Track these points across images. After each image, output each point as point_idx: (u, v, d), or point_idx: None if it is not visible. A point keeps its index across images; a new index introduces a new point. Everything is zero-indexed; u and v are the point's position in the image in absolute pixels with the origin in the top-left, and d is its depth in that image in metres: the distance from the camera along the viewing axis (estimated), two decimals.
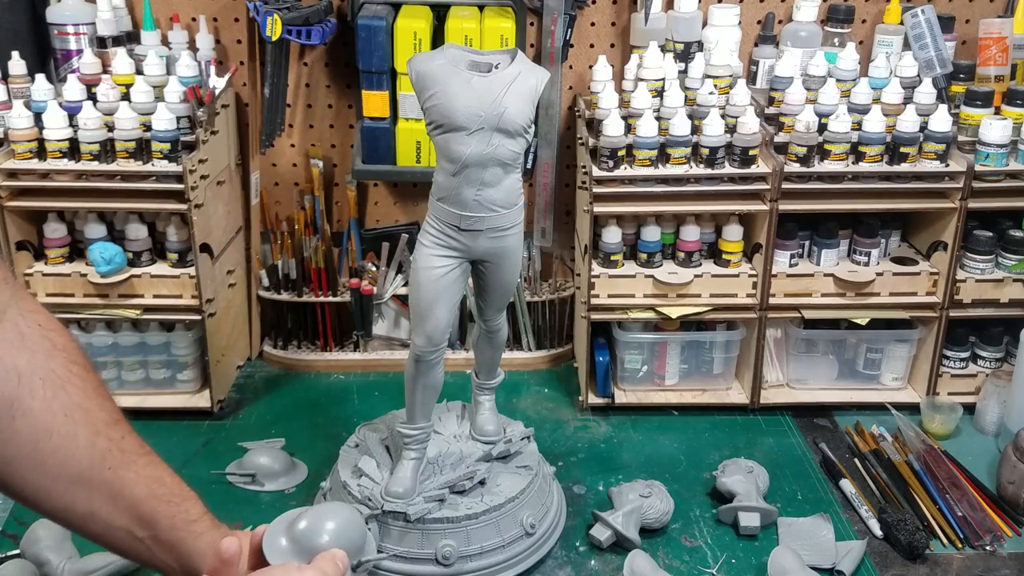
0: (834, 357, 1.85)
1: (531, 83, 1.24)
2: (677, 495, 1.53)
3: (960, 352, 1.81)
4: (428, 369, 1.34)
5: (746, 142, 1.65)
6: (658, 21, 1.83)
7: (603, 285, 1.74)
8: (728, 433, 1.77)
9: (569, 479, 1.62)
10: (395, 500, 1.36)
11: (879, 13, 1.89)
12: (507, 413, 1.60)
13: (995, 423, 1.74)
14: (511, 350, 1.98)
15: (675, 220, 1.77)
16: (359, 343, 1.98)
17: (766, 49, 1.88)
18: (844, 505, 1.55)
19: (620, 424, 1.80)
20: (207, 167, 1.70)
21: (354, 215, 1.98)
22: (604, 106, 1.69)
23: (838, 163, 1.67)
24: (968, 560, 1.43)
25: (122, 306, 1.72)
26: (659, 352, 1.83)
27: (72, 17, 1.78)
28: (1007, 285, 1.74)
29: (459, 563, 1.35)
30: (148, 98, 1.67)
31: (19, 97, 1.70)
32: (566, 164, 2.00)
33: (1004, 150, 1.65)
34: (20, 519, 1.48)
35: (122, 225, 1.75)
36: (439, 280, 1.29)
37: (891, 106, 1.70)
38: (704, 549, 1.46)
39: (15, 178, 1.66)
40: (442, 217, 1.27)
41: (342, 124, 2.00)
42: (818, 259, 1.78)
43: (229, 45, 1.91)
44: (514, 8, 1.78)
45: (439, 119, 1.22)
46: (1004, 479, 1.54)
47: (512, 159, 1.24)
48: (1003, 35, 1.76)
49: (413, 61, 1.24)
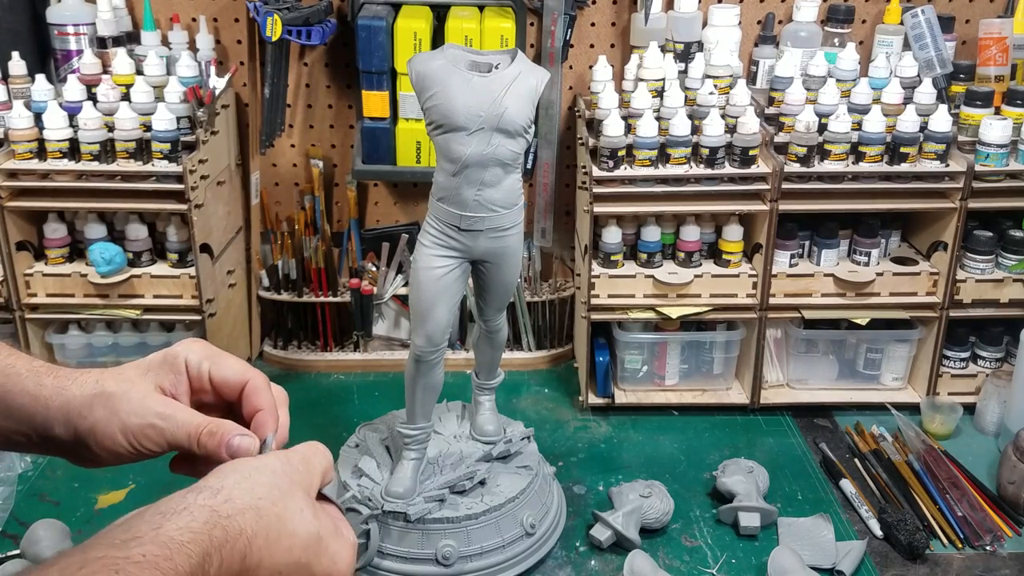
0: (834, 357, 1.85)
1: (531, 83, 1.24)
2: (677, 495, 1.53)
3: (960, 352, 1.80)
4: (428, 369, 1.34)
5: (746, 142, 1.65)
6: (658, 21, 1.83)
7: (603, 285, 1.74)
8: (728, 433, 1.77)
9: (569, 479, 1.62)
10: (395, 500, 1.36)
11: (879, 13, 1.89)
12: (507, 413, 1.60)
13: (995, 423, 1.74)
14: (511, 350, 1.98)
15: (675, 220, 1.77)
16: (359, 343, 1.98)
17: (766, 49, 1.88)
18: (844, 505, 1.55)
19: (620, 424, 1.80)
20: (207, 167, 1.70)
21: (354, 215, 1.98)
22: (604, 106, 1.69)
23: (838, 163, 1.67)
24: (968, 560, 1.43)
25: (122, 306, 1.73)
26: (659, 352, 1.83)
27: (72, 17, 1.78)
28: (1007, 285, 1.74)
29: (459, 563, 1.35)
30: (148, 98, 1.67)
31: (19, 97, 1.70)
32: (566, 164, 2.00)
33: (1004, 150, 1.65)
34: (20, 519, 1.48)
35: (122, 225, 1.75)
36: (439, 280, 1.29)
37: (891, 106, 1.70)
38: (704, 549, 1.46)
39: (15, 178, 1.66)
40: (442, 217, 1.27)
41: (342, 124, 2.00)
42: (818, 259, 1.78)
43: (229, 45, 1.92)
44: (514, 8, 1.78)
45: (439, 119, 1.22)
46: (1004, 479, 1.54)
47: (512, 159, 1.24)
48: (1003, 35, 1.76)
49: (413, 61, 1.24)
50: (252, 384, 0.75)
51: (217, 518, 0.57)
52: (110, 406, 0.71)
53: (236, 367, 0.76)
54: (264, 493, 0.61)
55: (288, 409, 0.77)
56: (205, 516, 0.57)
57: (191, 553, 0.55)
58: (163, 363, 0.75)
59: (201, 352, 0.76)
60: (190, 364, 0.75)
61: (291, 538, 0.61)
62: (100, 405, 0.71)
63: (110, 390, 0.71)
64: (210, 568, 0.56)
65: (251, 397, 0.74)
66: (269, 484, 0.63)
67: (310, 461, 0.68)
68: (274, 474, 0.64)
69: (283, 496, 0.63)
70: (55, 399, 0.72)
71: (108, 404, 0.71)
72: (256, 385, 0.75)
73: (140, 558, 0.53)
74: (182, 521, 0.56)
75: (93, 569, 0.51)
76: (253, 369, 0.76)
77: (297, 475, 0.66)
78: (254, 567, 0.59)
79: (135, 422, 0.70)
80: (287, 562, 0.61)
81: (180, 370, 0.75)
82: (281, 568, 0.61)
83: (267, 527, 0.60)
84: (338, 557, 0.65)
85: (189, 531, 0.56)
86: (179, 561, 0.54)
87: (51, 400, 0.72)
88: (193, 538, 0.55)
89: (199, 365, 0.75)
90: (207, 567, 0.56)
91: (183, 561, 0.54)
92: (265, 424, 0.73)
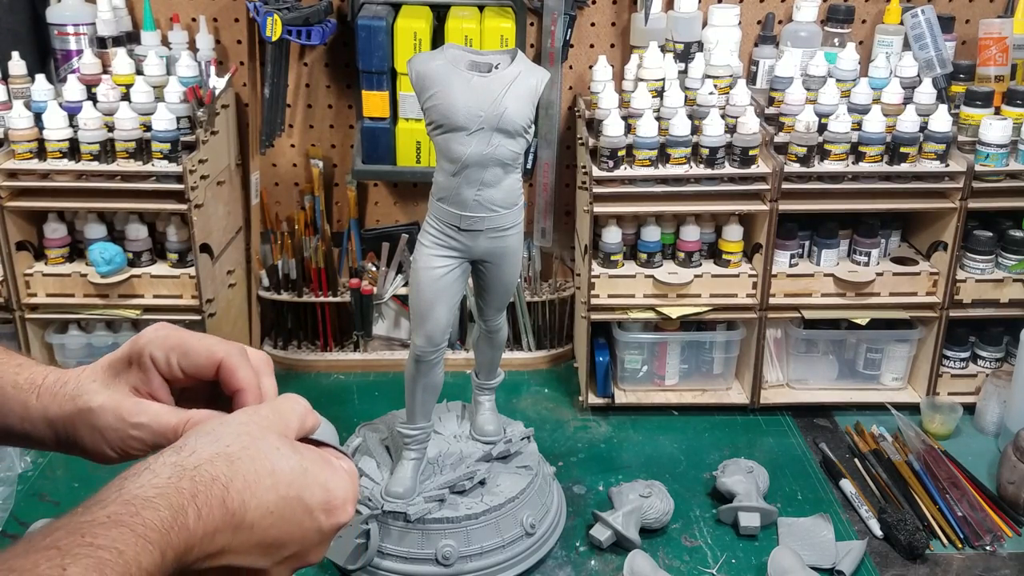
0: (834, 357, 1.85)
1: (531, 83, 1.24)
2: (677, 495, 1.53)
3: (960, 352, 1.80)
4: (428, 369, 1.34)
5: (746, 142, 1.65)
6: (658, 21, 1.83)
7: (603, 285, 1.74)
8: (728, 433, 1.77)
9: (569, 479, 1.62)
10: (395, 500, 1.36)
11: (879, 13, 1.89)
12: (507, 413, 1.60)
13: (995, 423, 1.74)
14: (511, 350, 1.98)
15: (675, 220, 1.77)
16: (359, 343, 1.98)
17: (766, 49, 1.88)
18: (844, 505, 1.55)
19: (620, 424, 1.80)
20: (207, 167, 1.70)
21: (354, 215, 1.98)
22: (604, 106, 1.69)
23: (838, 163, 1.67)
24: (968, 560, 1.43)
25: (122, 306, 1.72)
26: (659, 352, 1.83)
27: (72, 17, 1.78)
28: (1007, 285, 1.74)
29: (459, 563, 1.35)
30: (148, 98, 1.67)
31: (19, 97, 1.70)
32: (566, 164, 2.00)
33: (1004, 150, 1.65)
34: (20, 519, 1.48)
35: (122, 225, 1.75)
36: (439, 280, 1.29)
37: (891, 106, 1.70)
38: (704, 549, 1.46)
39: (15, 178, 1.66)
40: (442, 217, 1.27)
41: (342, 124, 2.00)
42: (818, 259, 1.78)
43: (229, 45, 1.91)
44: (514, 8, 1.78)
45: (439, 119, 1.22)
46: (1004, 479, 1.54)
47: (512, 159, 1.24)
48: (1003, 35, 1.76)
49: (413, 61, 1.24)
50: (225, 364, 0.71)
51: (183, 471, 0.56)
52: (89, 423, 0.69)
53: (203, 352, 0.71)
54: (231, 440, 0.59)
55: (274, 374, 0.74)
56: (169, 471, 0.55)
57: (158, 507, 0.53)
58: (128, 363, 0.72)
59: (166, 344, 0.71)
60: (157, 361, 0.71)
61: (272, 476, 0.59)
62: (81, 423, 0.69)
63: (87, 406, 0.69)
64: (187, 520, 0.54)
65: (227, 378, 0.71)
66: (236, 432, 0.60)
67: (280, 408, 0.66)
68: (241, 424, 0.62)
69: (254, 440, 0.60)
70: (41, 419, 0.70)
71: (87, 421, 0.69)
72: (230, 365, 0.71)
73: (105, 519, 0.51)
74: (144, 479, 0.55)
75: (58, 536, 0.50)
76: (224, 345, 0.72)
77: (266, 422, 0.63)
78: (239, 510, 0.57)
79: (114, 436, 0.68)
80: (274, 499, 0.59)
81: (147, 367, 0.71)
82: (270, 506, 0.59)
83: (243, 470, 0.58)
84: (332, 484, 0.62)
85: (152, 487, 0.54)
86: (147, 515, 0.52)
87: (37, 422, 0.70)
88: (159, 492, 0.54)
89: (167, 360, 0.71)
90: (183, 519, 0.54)
91: (151, 515, 0.52)
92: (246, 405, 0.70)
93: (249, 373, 0.71)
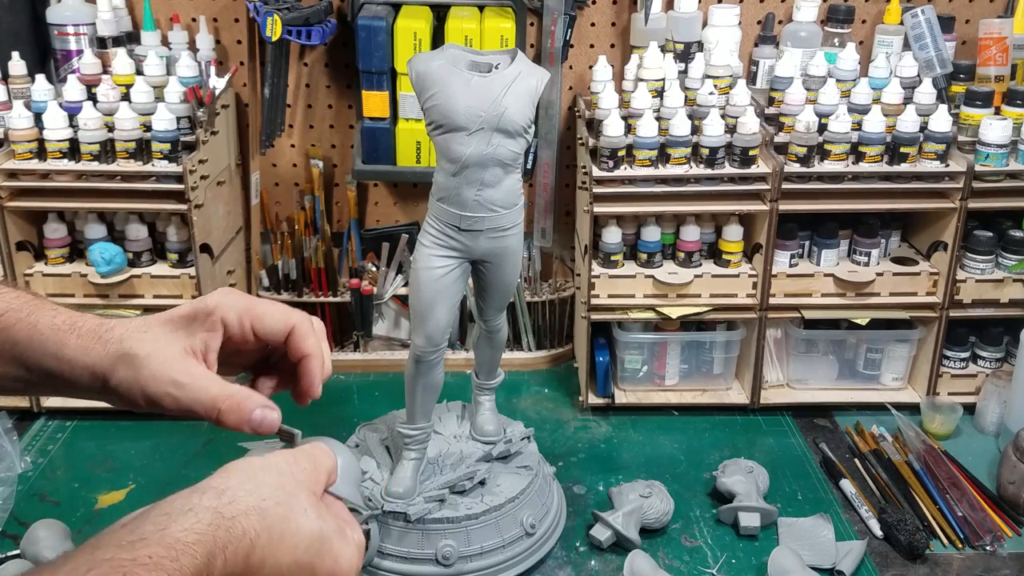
0: (834, 357, 1.85)
1: (531, 83, 1.24)
2: (677, 495, 1.53)
3: (960, 352, 1.80)
4: (428, 369, 1.35)
5: (746, 142, 1.65)
6: (658, 21, 1.83)
7: (603, 285, 1.74)
8: (728, 433, 1.77)
9: (569, 479, 1.62)
10: (395, 500, 1.36)
11: (879, 13, 1.89)
12: (507, 413, 1.60)
13: (995, 423, 1.74)
14: (511, 350, 1.98)
15: (675, 220, 1.77)
16: (359, 343, 1.98)
17: (766, 49, 1.88)
18: (844, 505, 1.55)
19: (620, 424, 1.80)
20: (207, 167, 1.70)
21: (354, 215, 1.98)
22: (604, 106, 1.69)
23: (838, 163, 1.67)
24: (968, 560, 1.43)
25: (122, 306, 1.72)
26: (659, 352, 1.83)
27: (72, 17, 1.78)
28: (1007, 285, 1.74)
29: (459, 563, 1.35)
30: (148, 98, 1.67)
31: (19, 97, 1.70)
32: (566, 164, 2.00)
33: (1004, 150, 1.65)
34: (20, 519, 1.48)
35: (122, 225, 1.75)
36: (439, 280, 1.29)
37: (891, 106, 1.70)
38: (704, 549, 1.46)
39: (15, 178, 1.66)
40: (442, 217, 1.27)
41: (342, 124, 2.00)
42: (818, 259, 1.78)
43: (229, 45, 1.91)
44: (514, 8, 1.78)
45: (439, 119, 1.22)
46: (1004, 479, 1.54)
47: (512, 159, 1.24)
48: (1003, 35, 1.76)
49: (413, 61, 1.24)
50: (298, 330, 0.74)
51: (221, 519, 0.58)
52: (133, 367, 0.69)
53: (278, 316, 0.74)
54: (268, 493, 0.62)
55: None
56: (209, 518, 0.58)
57: (196, 554, 0.55)
58: (194, 320, 0.72)
59: (240, 307, 0.73)
60: (229, 323, 0.73)
61: (295, 537, 0.62)
62: (123, 366, 0.70)
63: (133, 351, 0.70)
64: (214, 569, 0.57)
65: (297, 343, 0.74)
66: (274, 484, 0.63)
67: (317, 461, 0.68)
68: (280, 474, 0.64)
69: (288, 496, 0.63)
70: (79, 359, 0.71)
71: (131, 365, 0.69)
72: (302, 331, 0.74)
73: (147, 560, 0.53)
74: (187, 523, 0.57)
75: (102, 571, 0.52)
76: (295, 313, 0.75)
77: (303, 475, 0.66)
78: (257, 566, 0.60)
79: (153, 388, 0.69)
80: (290, 561, 0.62)
81: (216, 328, 0.72)
82: (284, 567, 0.61)
83: (271, 527, 0.60)
84: (342, 558, 0.65)
85: (194, 532, 0.56)
86: (184, 562, 0.55)
87: (75, 361, 0.71)
88: (198, 539, 0.56)
89: (240, 322, 0.73)
90: (211, 568, 0.56)
91: (188, 562, 0.55)
92: (313, 372, 0.73)
93: (316, 342, 0.74)
